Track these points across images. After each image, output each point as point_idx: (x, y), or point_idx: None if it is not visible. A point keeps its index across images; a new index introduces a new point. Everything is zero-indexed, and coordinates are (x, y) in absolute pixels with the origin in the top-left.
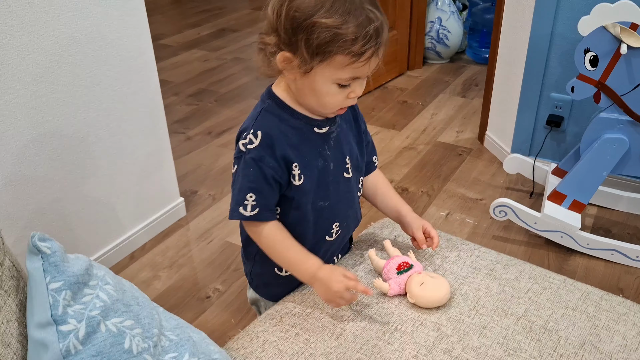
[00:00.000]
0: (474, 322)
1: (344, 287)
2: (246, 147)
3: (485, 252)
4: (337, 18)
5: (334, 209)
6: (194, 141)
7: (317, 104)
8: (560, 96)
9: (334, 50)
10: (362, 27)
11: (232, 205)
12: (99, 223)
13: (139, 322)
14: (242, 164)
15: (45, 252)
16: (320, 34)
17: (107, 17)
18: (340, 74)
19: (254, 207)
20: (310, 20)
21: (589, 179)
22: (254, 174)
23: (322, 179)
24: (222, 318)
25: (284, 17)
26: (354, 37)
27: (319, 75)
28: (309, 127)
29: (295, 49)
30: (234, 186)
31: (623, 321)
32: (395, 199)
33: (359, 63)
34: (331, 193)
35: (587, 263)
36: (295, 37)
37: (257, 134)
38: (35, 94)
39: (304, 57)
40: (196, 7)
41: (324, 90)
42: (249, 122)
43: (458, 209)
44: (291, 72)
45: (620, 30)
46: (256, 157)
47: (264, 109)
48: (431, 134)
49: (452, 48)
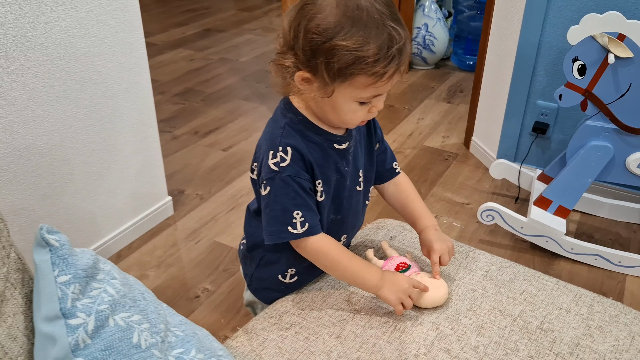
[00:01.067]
0: (471, 322)
1: (412, 283)
2: (279, 166)
3: (479, 253)
4: (357, 39)
5: (345, 221)
6: (180, 140)
7: (338, 121)
8: (546, 103)
9: (355, 72)
10: (384, 47)
11: (277, 227)
12: (85, 221)
13: (147, 317)
14: (279, 183)
15: (54, 245)
16: (342, 57)
17: (101, 12)
18: (362, 93)
19: (303, 224)
20: (330, 43)
21: (574, 185)
22: (294, 190)
23: (337, 194)
24: (212, 318)
25: (302, 38)
26: (376, 59)
27: (340, 95)
28: (330, 143)
29: (315, 71)
30: (272, 207)
31: (615, 322)
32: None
33: (381, 82)
34: (344, 207)
35: (572, 267)
36: (315, 59)
37: (287, 150)
38: (26, 88)
39: (325, 80)
40: (182, 6)
41: (345, 108)
42: (274, 138)
43: (445, 212)
44: (311, 92)
45: (608, 40)
46: (292, 173)
47: (287, 124)
48: (418, 139)
49: (438, 54)
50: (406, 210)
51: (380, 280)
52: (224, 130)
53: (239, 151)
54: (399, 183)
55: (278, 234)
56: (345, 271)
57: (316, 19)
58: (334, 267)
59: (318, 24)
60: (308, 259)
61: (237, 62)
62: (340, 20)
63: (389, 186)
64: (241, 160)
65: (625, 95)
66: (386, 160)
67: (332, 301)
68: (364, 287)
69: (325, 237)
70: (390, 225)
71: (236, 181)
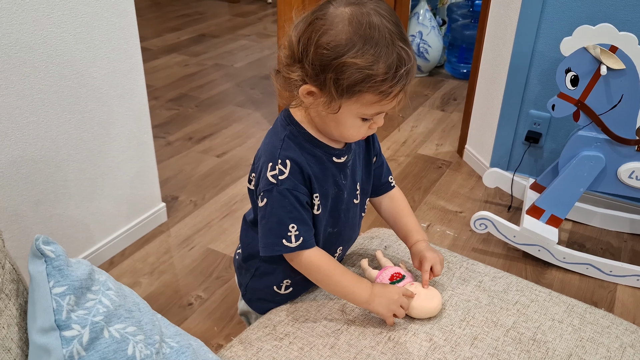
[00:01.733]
0: (465, 332)
1: (401, 292)
2: (277, 179)
3: (473, 264)
4: (368, 57)
5: (341, 234)
6: (174, 146)
7: (339, 135)
8: (539, 113)
9: (363, 90)
10: (392, 66)
11: (272, 240)
12: (78, 227)
13: (141, 329)
14: (276, 196)
15: (49, 256)
16: (351, 75)
17: (97, 18)
18: (367, 110)
19: (297, 237)
20: (340, 60)
21: (566, 194)
22: (291, 204)
23: (334, 207)
24: (205, 326)
25: (313, 53)
26: (384, 78)
27: (345, 111)
28: (329, 157)
29: (323, 86)
30: (268, 219)
31: (607, 334)
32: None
33: (386, 100)
34: (341, 220)
35: (563, 277)
36: (324, 74)
37: (286, 163)
38: (20, 94)
39: (332, 95)
40: (176, 11)
41: (348, 123)
42: (274, 150)
43: (438, 221)
44: (315, 106)
45: (601, 52)
46: (290, 187)
47: (287, 136)
48: (411, 146)
49: (432, 62)
50: (398, 225)
51: (370, 295)
52: (218, 136)
53: (232, 157)
54: (393, 197)
55: (272, 246)
56: (337, 286)
57: (328, 34)
58: (325, 281)
59: (330, 40)
60: (301, 272)
61: (232, 67)
62: (352, 37)
63: (384, 200)
64: (235, 167)
65: (617, 106)
66: (382, 174)
67: (327, 311)
68: (355, 302)
69: (318, 252)
70: (385, 234)
71: (230, 188)
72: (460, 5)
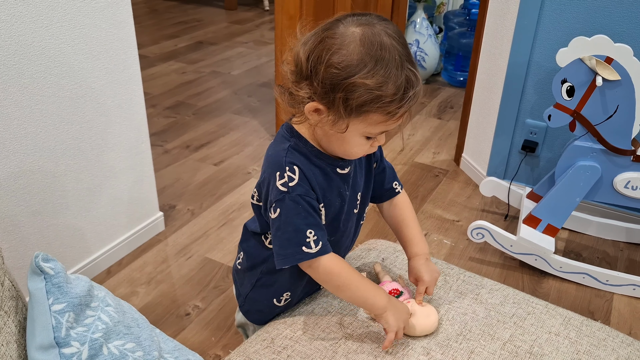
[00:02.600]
0: (461, 347)
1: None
2: (287, 186)
3: (470, 276)
4: (378, 78)
5: (339, 242)
6: (172, 154)
7: (342, 152)
8: (536, 122)
9: (372, 110)
10: (401, 88)
11: (292, 249)
12: (76, 237)
13: (140, 345)
14: (290, 204)
15: (49, 273)
16: (361, 95)
17: (95, 29)
18: (372, 130)
19: (317, 242)
20: (351, 80)
21: (563, 204)
22: (305, 210)
23: (335, 217)
24: (202, 336)
25: (323, 72)
26: (393, 99)
27: (351, 129)
28: (332, 168)
29: (331, 105)
30: (284, 230)
31: (603, 346)
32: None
33: (392, 121)
34: (340, 229)
35: (560, 286)
36: (334, 94)
37: (294, 169)
38: (19, 105)
39: (340, 114)
40: (173, 19)
41: (352, 142)
42: (279, 160)
43: (435, 229)
44: (320, 123)
45: (596, 63)
46: (302, 192)
47: (291, 146)
48: (408, 155)
49: (429, 70)
50: (401, 233)
51: (388, 303)
52: (216, 145)
53: (230, 166)
54: (397, 204)
55: (293, 255)
56: (356, 292)
57: (339, 54)
58: (344, 287)
59: (341, 59)
60: (318, 279)
61: (229, 75)
62: (364, 58)
63: (388, 206)
64: (232, 175)
65: (613, 116)
66: (385, 180)
67: (325, 324)
68: (372, 308)
69: (336, 257)
70: (382, 246)
71: (227, 196)
72: (457, 13)
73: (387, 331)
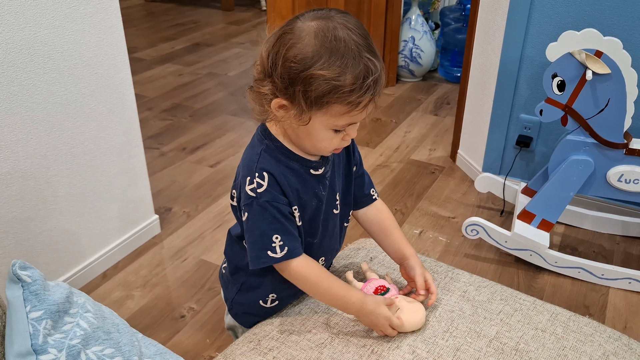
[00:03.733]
0: (447, 344)
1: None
2: (256, 192)
3: (458, 273)
4: (335, 69)
5: (322, 244)
6: (168, 157)
7: (312, 148)
8: (529, 117)
9: (332, 101)
10: (360, 77)
11: (257, 252)
12: (70, 242)
13: (120, 350)
14: (257, 209)
15: (26, 281)
16: (319, 86)
17: (84, 35)
18: (337, 122)
19: (282, 247)
20: (308, 72)
21: (556, 198)
22: (272, 215)
23: (313, 218)
24: (197, 338)
25: (281, 66)
26: (352, 89)
27: (316, 122)
28: (306, 169)
29: (293, 99)
30: (251, 233)
31: (589, 342)
32: (399, 241)
33: (356, 111)
34: (320, 230)
35: (555, 281)
36: (293, 87)
37: (264, 176)
38: (9, 112)
39: (302, 107)
40: (170, 21)
41: (320, 135)
42: (250, 164)
43: (431, 227)
44: (287, 119)
45: (586, 57)
46: (270, 199)
47: (263, 150)
48: (404, 152)
49: (425, 67)
50: (389, 237)
51: (361, 308)
52: (212, 146)
53: (226, 167)
54: (380, 209)
55: (258, 259)
56: (329, 291)
57: (295, 48)
58: (314, 289)
59: (296, 53)
60: (291, 282)
61: (225, 76)
62: (319, 50)
63: (366, 213)
64: (228, 177)
65: (604, 110)
66: (364, 185)
67: (311, 325)
68: (346, 307)
69: (306, 260)
70: (371, 245)
71: (223, 198)
72: (453, 9)
73: (377, 330)
